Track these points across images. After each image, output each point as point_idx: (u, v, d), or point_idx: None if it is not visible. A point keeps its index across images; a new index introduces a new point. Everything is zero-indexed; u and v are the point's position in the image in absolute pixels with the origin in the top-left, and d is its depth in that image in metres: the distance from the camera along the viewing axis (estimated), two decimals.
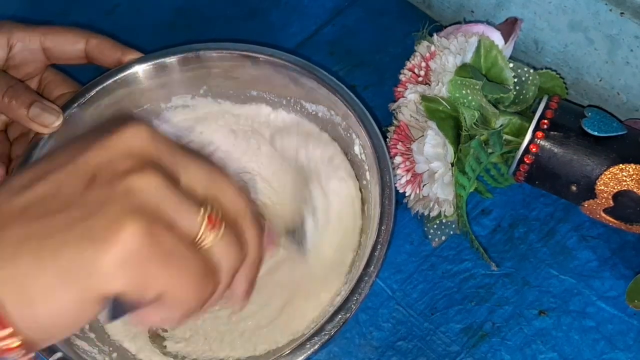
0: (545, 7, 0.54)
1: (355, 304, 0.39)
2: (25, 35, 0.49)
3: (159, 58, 0.50)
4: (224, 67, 0.51)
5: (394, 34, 0.63)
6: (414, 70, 0.53)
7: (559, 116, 0.47)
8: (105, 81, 0.49)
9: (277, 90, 0.52)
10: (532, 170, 0.48)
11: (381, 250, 0.41)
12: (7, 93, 0.45)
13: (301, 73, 0.49)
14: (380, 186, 0.44)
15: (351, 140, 0.49)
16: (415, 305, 0.50)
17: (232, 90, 0.53)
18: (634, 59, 0.51)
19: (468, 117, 0.48)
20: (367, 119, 0.46)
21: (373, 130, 0.46)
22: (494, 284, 0.50)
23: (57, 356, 0.39)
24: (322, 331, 0.39)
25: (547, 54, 0.58)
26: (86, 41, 0.49)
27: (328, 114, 0.50)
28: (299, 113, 0.52)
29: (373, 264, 0.41)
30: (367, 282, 0.40)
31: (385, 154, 0.45)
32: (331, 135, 0.51)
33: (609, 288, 0.49)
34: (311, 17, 0.65)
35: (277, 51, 0.50)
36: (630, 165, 0.45)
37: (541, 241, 0.52)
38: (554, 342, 0.48)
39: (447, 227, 0.51)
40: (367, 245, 0.43)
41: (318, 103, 0.51)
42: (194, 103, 0.54)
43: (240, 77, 0.52)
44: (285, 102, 0.53)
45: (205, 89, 0.53)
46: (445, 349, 0.48)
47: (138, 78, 0.50)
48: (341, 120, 0.49)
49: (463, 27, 0.52)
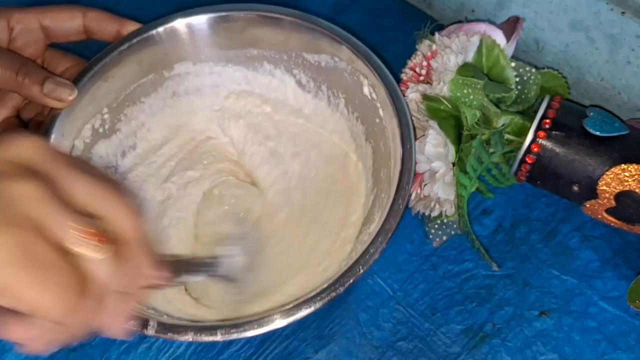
0: (547, 6, 0.54)
1: (387, 234, 0.41)
2: (23, 16, 0.49)
3: (157, 27, 0.51)
4: (224, 28, 0.52)
5: (394, 34, 0.63)
6: (415, 69, 0.52)
7: (560, 116, 0.47)
8: (110, 53, 0.49)
9: (277, 47, 0.52)
10: (534, 170, 0.48)
11: (408, 176, 0.43)
12: (20, 71, 0.45)
13: (300, 25, 0.50)
14: (396, 117, 0.45)
15: (359, 83, 0.49)
16: (416, 306, 0.50)
17: (233, 52, 0.53)
18: (635, 58, 0.51)
19: (469, 116, 0.47)
20: (372, 58, 0.48)
21: (380, 68, 0.47)
22: (495, 284, 0.50)
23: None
24: (350, 271, 0.40)
25: (548, 54, 0.58)
26: (83, 16, 0.50)
27: (332, 62, 0.51)
28: (299, 69, 0.53)
29: (400, 194, 0.42)
30: (398, 211, 0.42)
31: (396, 87, 0.46)
32: (336, 82, 0.52)
33: (610, 288, 0.49)
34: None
35: (275, 6, 0.50)
36: (632, 165, 0.45)
37: (542, 241, 0.52)
38: (555, 343, 0.48)
39: (448, 227, 0.51)
40: (392, 176, 0.44)
41: (320, 52, 0.51)
42: (195, 69, 0.54)
43: (238, 37, 0.52)
44: (286, 57, 0.53)
45: (206, 53, 0.53)
46: (445, 349, 0.48)
47: (142, 47, 0.51)
48: (346, 65, 0.50)
49: (465, 26, 0.52)
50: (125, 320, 0.33)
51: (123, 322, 0.33)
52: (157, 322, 0.39)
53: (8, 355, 0.49)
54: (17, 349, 0.30)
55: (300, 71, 0.53)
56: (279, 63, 0.53)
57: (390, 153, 0.46)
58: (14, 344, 0.30)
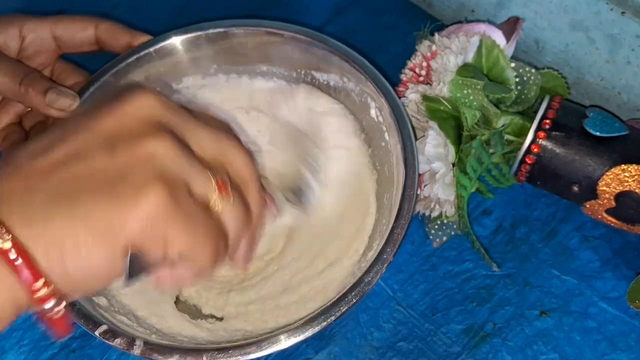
0: (546, 6, 0.54)
1: (384, 263, 0.40)
2: (36, 25, 0.49)
3: (166, 39, 0.50)
4: (233, 44, 0.51)
5: (394, 34, 0.63)
6: (415, 69, 0.52)
7: (560, 116, 0.47)
8: (117, 65, 0.49)
9: (287, 63, 0.52)
10: (534, 170, 0.48)
11: (409, 205, 0.42)
12: (24, 81, 0.46)
13: (311, 43, 0.50)
14: (401, 142, 0.45)
15: (366, 105, 0.49)
16: (416, 306, 0.50)
17: (242, 67, 0.53)
18: (635, 58, 0.51)
19: (469, 117, 0.47)
20: (381, 81, 0.47)
21: (388, 91, 0.47)
22: (495, 284, 0.50)
23: (102, 329, 0.40)
24: (353, 289, 0.40)
25: (548, 54, 0.58)
26: (95, 27, 0.50)
27: (340, 82, 0.50)
28: (309, 84, 0.53)
29: (402, 216, 0.42)
30: (397, 240, 0.41)
31: (403, 111, 0.46)
32: (344, 102, 0.51)
33: (610, 289, 0.49)
34: (311, 17, 0.65)
35: (287, 24, 0.50)
36: (633, 165, 0.45)
37: (543, 241, 0.52)
38: (556, 342, 0.48)
39: (448, 228, 0.51)
40: (394, 202, 0.44)
41: (329, 72, 0.51)
42: (205, 83, 0.54)
43: (249, 52, 0.52)
44: (295, 75, 0.53)
45: (215, 67, 0.53)
46: (446, 349, 0.48)
47: (152, 59, 0.50)
48: (355, 86, 0.50)
49: (464, 27, 0.52)
50: (253, 249, 0.37)
51: (251, 251, 0.37)
52: (144, 342, 0.39)
53: (8, 355, 0.49)
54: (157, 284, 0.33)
55: None
56: (289, 80, 0.53)
57: (394, 178, 0.46)
58: None
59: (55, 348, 0.49)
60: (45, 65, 0.51)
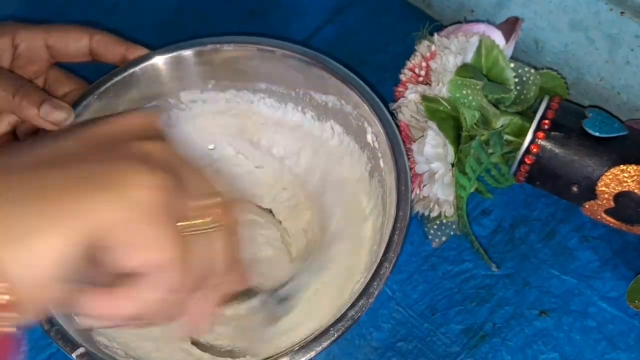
0: (546, 6, 0.54)
1: (376, 289, 0.40)
2: (28, 34, 0.49)
3: (165, 53, 0.50)
4: (233, 61, 0.51)
5: (394, 34, 0.63)
6: (414, 70, 0.52)
7: (560, 116, 0.47)
8: (113, 78, 0.49)
9: (285, 82, 0.52)
10: (533, 170, 0.48)
11: (399, 235, 0.41)
12: (18, 93, 0.45)
13: (310, 63, 0.49)
14: (395, 172, 0.44)
15: (363, 129, 0.49)
16: (416, 306, 0.50)
17: (240, 84, 0.53)
18: (635, 58, 0.51)
19: (468, 117, 0.47)
20: (379, 107, 0.47)
21: (385, 118, 0.46)
22: (495, 284, 0.50)
23: (80, 351, 0.39)
24: (345, 317, 0.39)
25: (547, 54, 0.58)
26: (90, 38, 0.49)
27: (338, 104, 0.50)
28: (307, 107, 0.52)
29: (392, 249, 0.41)
30: (387, 267, 0.40)
31: (399, 139, 0.45)
32: (341, 125, 0.51)
33: (610, 289, 0.49)
34: (311, 17, 0.65)
35: (286, 43, 0.50)
36: (632, 166, 0.45)
37: (542, 242, 0.52)
38: (555, 342, 0.48)
39: (448, 228, 0.51)
40: (385, 232, 0.43)
41: (328, 93, 0.50)
42: (203, 97, 0.53)
43: (249, 70, 0.52)
44: (294, 94, 0.52)
45: (213, 83, 0.53)
46: (445, 349, 0.48)
47: (148, 74, 0.50)
48: (352, 109, 0.49)
49: (464, 27, 0.52)
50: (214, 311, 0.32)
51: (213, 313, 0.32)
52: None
53: None
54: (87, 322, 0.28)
55: (308, 109, 0.53)
56: (287, 99, 0.53)
57: (385, 207, 0.46)
58: None
59: (54, 348, 0.49)
60: (38, 74, 0.50)
